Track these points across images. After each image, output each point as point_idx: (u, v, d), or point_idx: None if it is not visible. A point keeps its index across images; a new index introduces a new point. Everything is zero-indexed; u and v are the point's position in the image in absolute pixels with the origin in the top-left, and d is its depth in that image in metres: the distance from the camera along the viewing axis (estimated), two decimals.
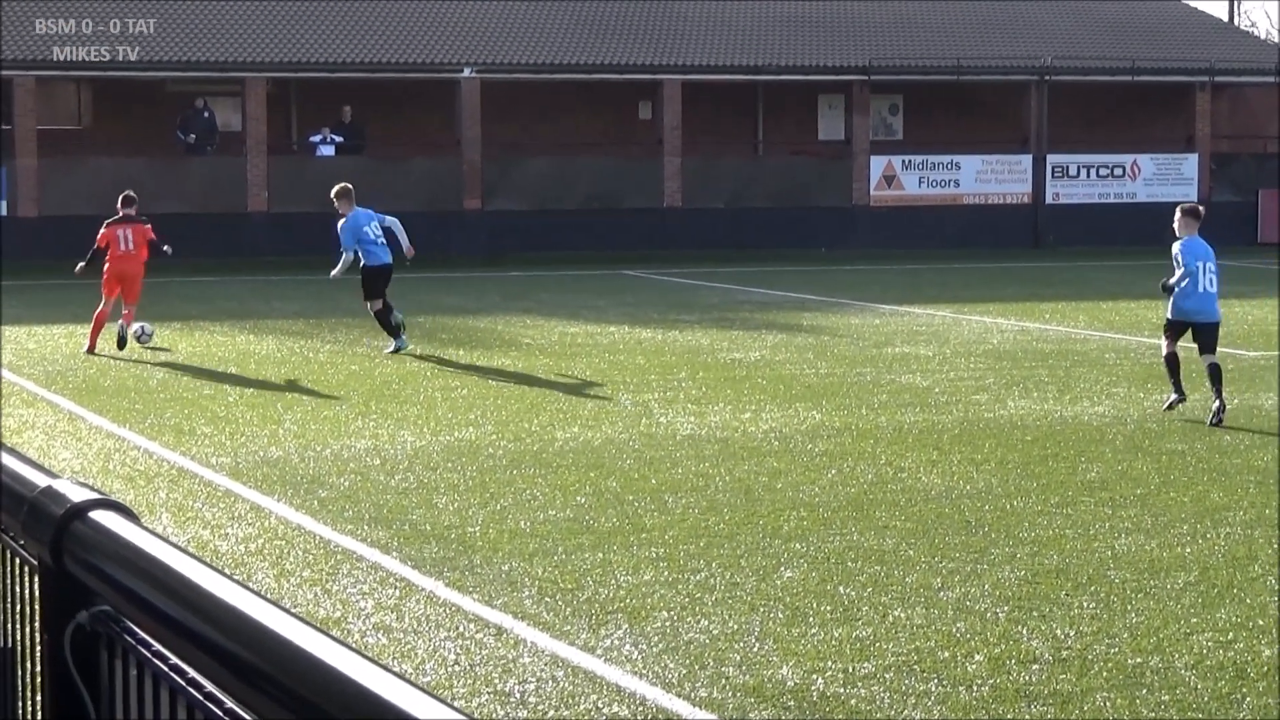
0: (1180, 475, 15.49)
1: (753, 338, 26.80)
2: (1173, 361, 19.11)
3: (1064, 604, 11.08)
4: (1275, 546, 12.62)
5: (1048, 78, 52.43)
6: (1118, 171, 52.56)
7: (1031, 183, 51.76)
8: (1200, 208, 20.28)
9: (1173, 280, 19.29)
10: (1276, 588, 11.47)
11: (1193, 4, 66.91)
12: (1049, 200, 51.35)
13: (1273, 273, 39.85)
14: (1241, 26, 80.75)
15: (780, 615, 10.84)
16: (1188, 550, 12.52)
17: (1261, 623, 10.65)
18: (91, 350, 24.34)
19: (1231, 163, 55.18)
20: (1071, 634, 10.41)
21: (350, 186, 25.71)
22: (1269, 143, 58.08)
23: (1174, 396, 18.92)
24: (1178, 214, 19.82)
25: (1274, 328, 28.32)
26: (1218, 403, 18.47)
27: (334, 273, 25.50)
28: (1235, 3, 78.28)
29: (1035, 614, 10.83)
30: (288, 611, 3.05)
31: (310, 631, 2.96)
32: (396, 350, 24.37)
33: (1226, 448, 16.92)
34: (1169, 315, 19.50)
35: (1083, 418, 18.85)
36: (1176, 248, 19.35)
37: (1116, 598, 11.23)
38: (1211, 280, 19.22)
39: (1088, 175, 52.01)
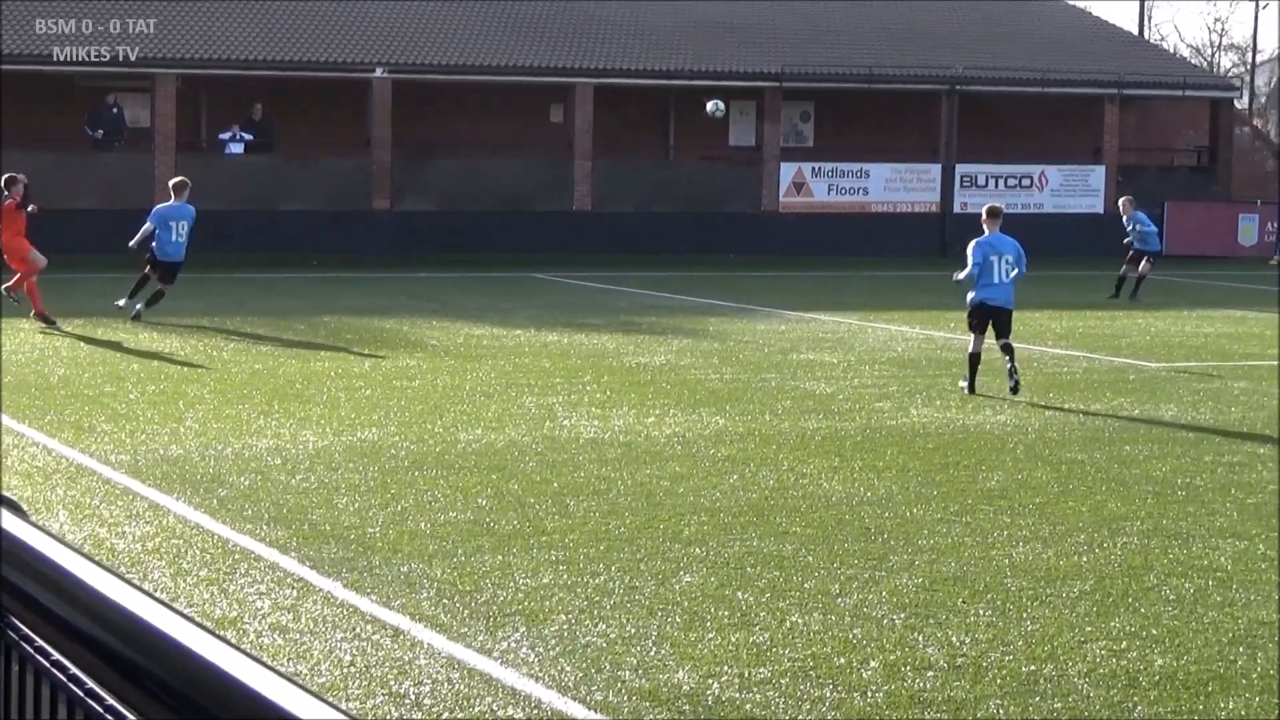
0: (1079, 484, 15.60)
1: (659, 342, 26.83)
2: (975, 361, 21.35)
3: (960, 611, 11.14)
4: (1171, 556, 12.74)
5: (958, 87, 52.75)
6: (1025, 182, 52.93)
7: (940, 192, 52.06)
8: (1000, 207, 22.40)
9: (960, 275, 21.84)
10: (1171, 597, 11.57)
11: (1104, 17, 67.47)
12: (957, 210, 51.60)
13: (1178, 285, 40.23)
14: (1151, 40, 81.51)
15: (678, 620, 10.86)
16: (1084, 559, 12.62)
17: (1155, 632, 10.75)
18: (39, 313, 26.58)
19: (1138, 175, 55.62)
20: (967, 641, 10.48)
21: (188, 182, 29.20)
22: (1176, 155, 58.72)
23: (964, 385, 21.31)
24: (983, 213, 22.13)
25: (1176, 340, 28.58)
26: (1011, 365, 21.08)
27: (132, 242, 28.79)
28: (1145, 16, 78.87)
29: (932, 621, 10.89)
30: (179, 613, 3.03)
31: (201, 634, 2.94)
32: (126, 308, 27.92)
33: (1125, 458, 17.05)
34: (968, 305, 21.77)
35: (984, 426, 18.97)
36: (970, 245, 21.55)
37: (1013, 605, 11.30)
38: (1007, 272, 21.38)
39: (996, 185, 52.32)
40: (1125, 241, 37.59)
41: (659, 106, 53.43)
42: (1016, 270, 21.66)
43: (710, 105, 39.84)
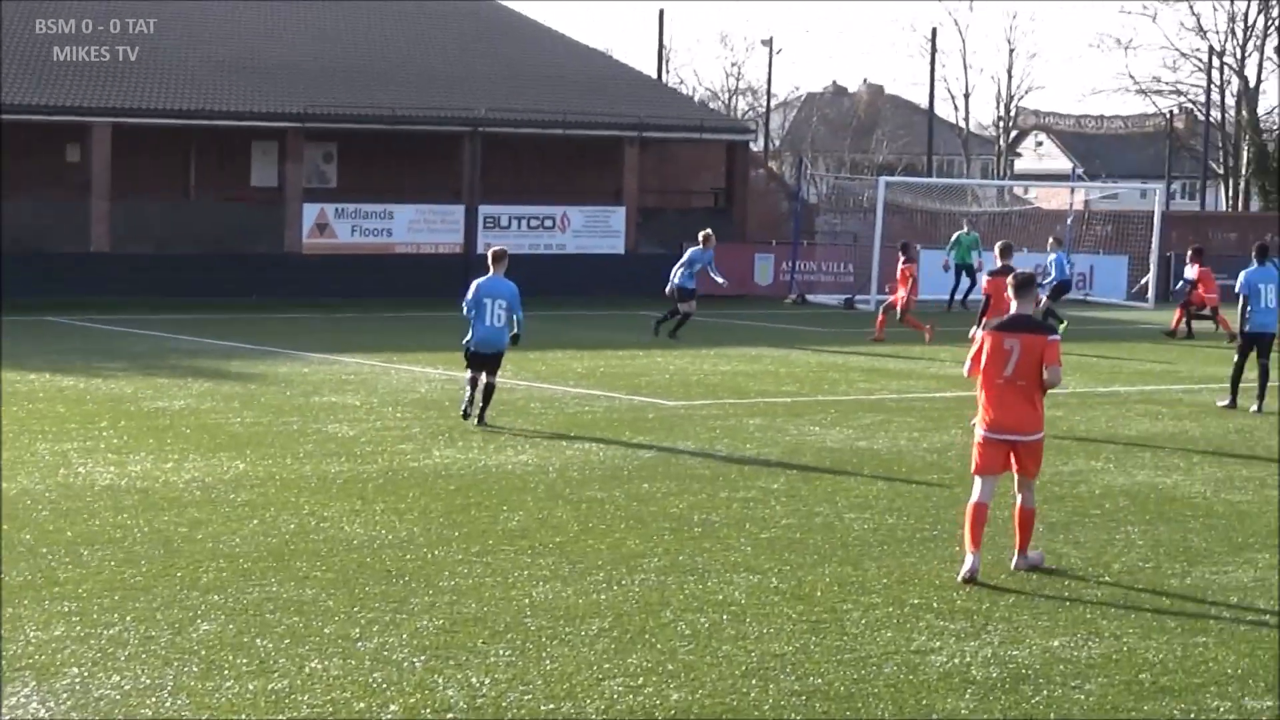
0: (599, 522, 15.80)
1: (178, 386, 26.35)
2: (475, 384, 22.57)
3: (481, 652, 11.17)
4: (687, 591, 12.97)
5: (480, 129, 53.10)
6: (548, 223, 53.52)
7: (464, 233, 52.29)
8: (503, 250, 23.36)
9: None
10: (687, 632, 11.78)
11: (625, 60, 68.75)
12: (480, 251, 51.73)
13: (697, 324, 41.07)
14: (670, 83, 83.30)
15: (195, 669, 10.65)
16: (603, 597, 12.78)
17: (671, 667, 10.93)
18: None
19: (657, 216, 56.75)
20: (487, 682, 10.50)
21: None
22: (694, 197, 60.01)
23: (465, 405, 22.53)
24: (489, 255, 23.32)
25: (694, 378, 29.19)
26: (480, 408, 22.39)
27: None
28: (664, 60, 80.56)
29: (452, 662, 10.89)
30: None
31: None
32: None
33: (644, 495, 17.34)
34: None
35: (506, 466, 19.09)
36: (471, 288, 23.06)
37: (532, 645, 11.38)
38: (498, 315, 22.64)
39: (519, 226, 52.79)
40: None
41: (180, 146, 52.52)
42: (515, 320, 22.79)
43: None
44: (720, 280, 39.37)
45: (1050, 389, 14.11)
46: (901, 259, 39.20)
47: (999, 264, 25.12)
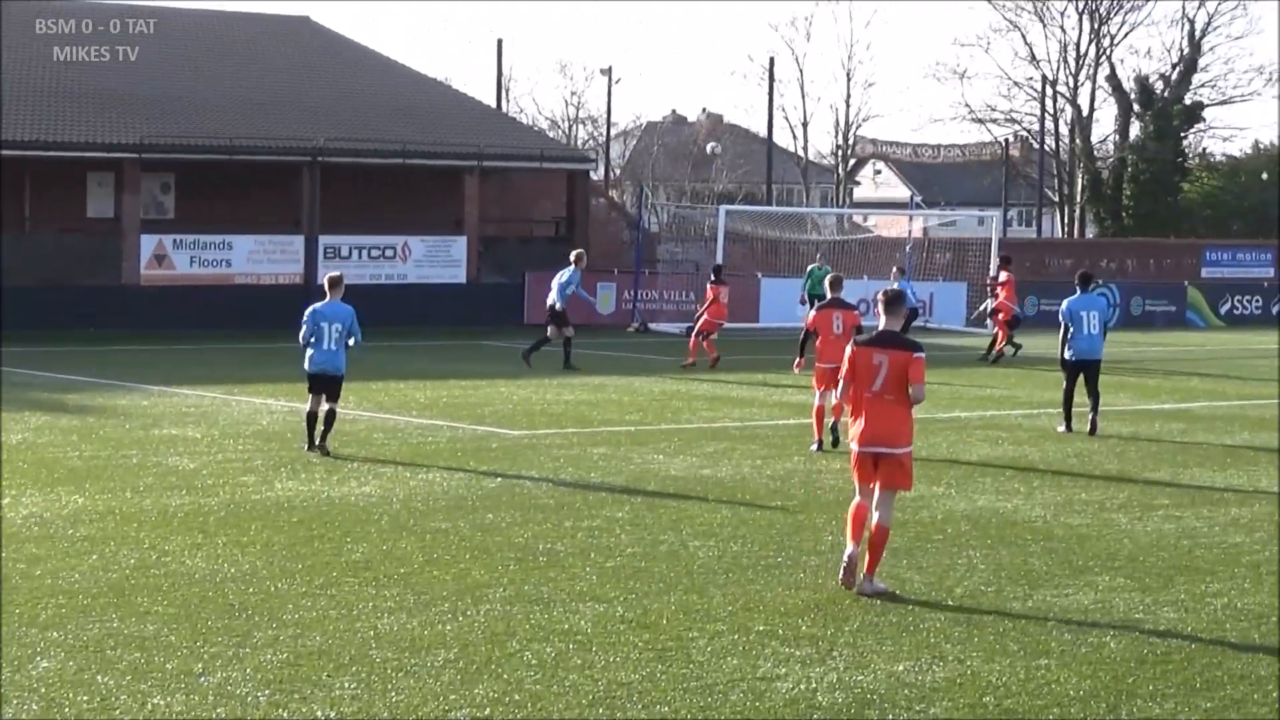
0: (444, 553, 15.74)
1: (15, 420, 25.96)
2: (312, 420, 22.84)
3: (325, 685, 11.08)
4: (533, 621, 12.95)
5: (320, 159, 52.84)
6: (389, 253, 53.34)
7: (304, 263, 51.98)
8: (339, 276, 23.99)
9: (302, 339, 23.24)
10: (533, 662, 11.75)
11: (464, 90, 68.68)
12: (320, 281, 51.45)
13: (540, 353, 41.08)
14: (510, 113, 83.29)
15: (34, 707, 10.48)
16: (448, 627, 12.72)
17: (518, 697, 10.89)
18: None
19: (499, 245, 56.72)
20: (333, 715, 10.42)
21: None
22: (534, 226, 60.04)
23: (306, 445, 22.72)
24: (325, 283, 23.81)
25: (538, 407, 29.17)
26: (322, 434, 22.72)
27: None
28: (504, 90, 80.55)
29: (297, 696, 10.79)
30: None
31: None
32: None
33: (489, 525, 17.29)
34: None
35: (350, 498, 18.98)
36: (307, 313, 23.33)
37: (378, 677, 11.30)
38: (336, 340, 22.90)
39: (360, 256, 52.56)
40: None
41: (15, 177, 51.79)
42: (353, 338, 23.08)
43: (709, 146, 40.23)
44: (590, 299, 39.81)
45: (915, 405, 14.42)
46: (711, 278, 40.27)
47: (829, 296, 24.93)
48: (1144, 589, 14.56)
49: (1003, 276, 44.11)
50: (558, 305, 37.38)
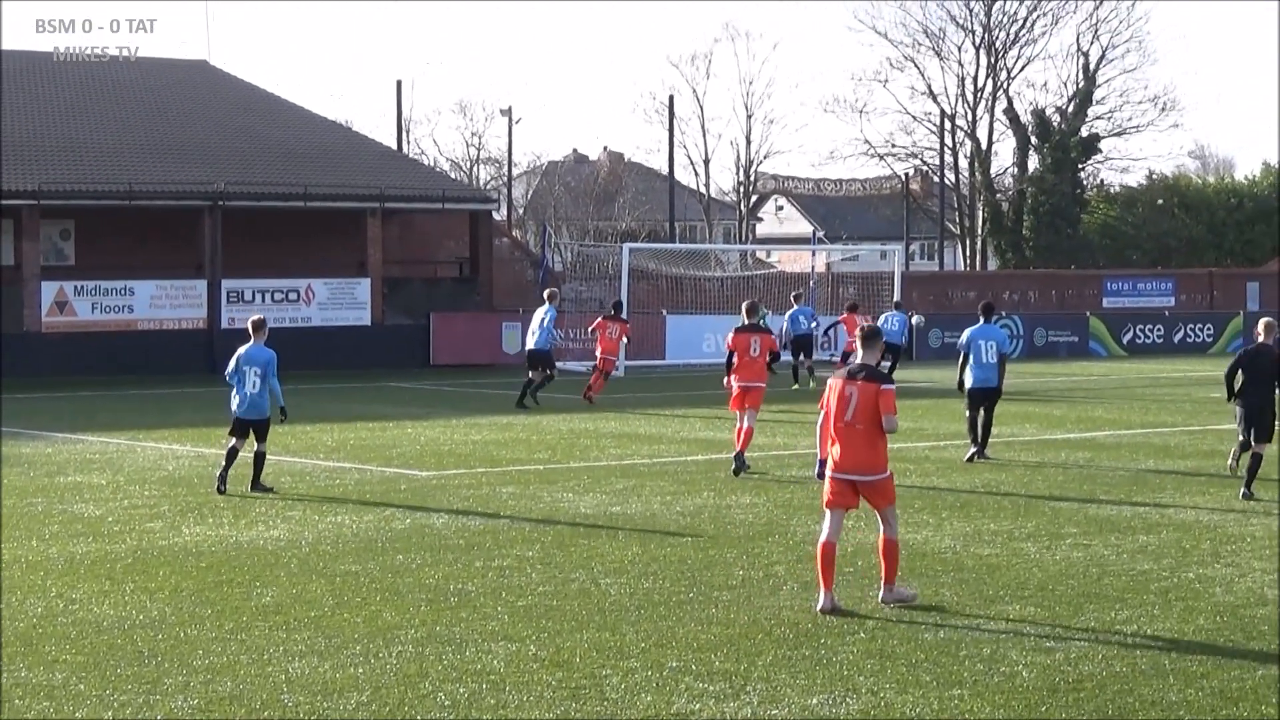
0: (354, 596, 15.65)
1: None
2: (233, 456, 23.19)
3: None
4: (445, 662, 12.89)
5: (221, 202, 52.59)
6: (293, 296, 53.12)
7: (207, 308, 51.69)
8: (262, 319, 24.09)
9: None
10: (446, 703, 11.69)
11: (364, 132, 68.56)
12: (225, 325, 51.34)
13: (446, 394, 41.01)
14: (411, 154, 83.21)
15: None
16: (360, 670, 12.64)
17: None
18: None
19: (403, 286, 56.59)
20: None
21: None
22: (439, 267, 59.95)
23: (219, 475, 23.10)
24: (247, 325, 24.14)
25: (446, 448, 29.09)
26: (253, 475, 23.12)
27: None
28: (405, 131, 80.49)
29: None
30: None
31: None
32: None
33: (399, 567, 17.21)
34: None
35: (258, 542, 18.86)
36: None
37: None
38: (255, 382, 23.11)
39: (263, 299, 52.32)
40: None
41: None
42: (264, 381, 23.28)
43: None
44: (558, 335, 40.29)
45: (889, 434, 15.23)
46: (613, 313, 41.14)
47: (745, 322, 26.17)
48: (1054, 617, 14.64)
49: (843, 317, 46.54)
50: (540, 346, 37.71)
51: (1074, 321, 67.45)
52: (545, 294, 39.41)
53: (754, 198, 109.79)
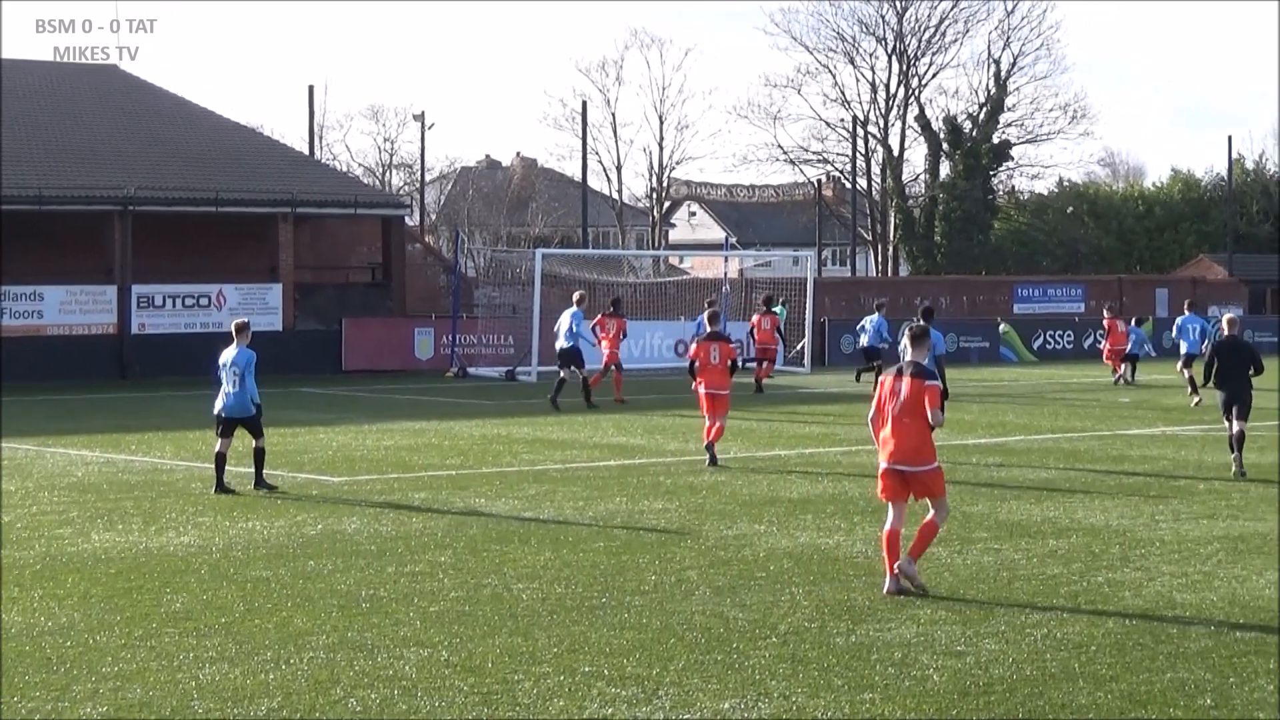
0: (265, 602, 15.57)
1: None
2: (220, 461, 23.63)
3: None
4: (357, 668, 12.84)
5: (131, 208, 52.26)
6: (204, 301, 52.82)
7: (116, 313, 51.36)
8: (244, 322, 24.43)
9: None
10: (358, 709, 11.65)
11: (274, 136, 68.23)
12: (135, 330, 51.04)
13: (360, 400, 40.84)
14: (323, 160, 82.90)
15: None
16: (271, 676, 12.57)
17: None
18: None
19: (315, 292, 56.38)
20: None
21: None
22: (351, 272, 59.77)
23: (215, 487, 23.33)
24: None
25: (358, 454, 28.99)
26: (255, 474, 23.78)
27: None
28: (316, 136, 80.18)
29: None
30: None
31: None
32: None
33: (310, 573, 17.13)
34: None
35: (168, 548, 18.74)
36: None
37: None
38: (235, 381, 23.63)
39: (174, 305, 52.02)
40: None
41: None
42: (245, 380, 23.72)
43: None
44: (588, 334, 40.94)
45: (934, 428, 16.10)
46: (612, 309, 42.25)
47: (708, 330, 28.36)
48: (965, 621, 14.70)
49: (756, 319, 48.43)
50: (569, 344, 38.94)
51: (985, 327, 67.87)
52: (575, 296, 40.50)
53: (667, 204, 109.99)
